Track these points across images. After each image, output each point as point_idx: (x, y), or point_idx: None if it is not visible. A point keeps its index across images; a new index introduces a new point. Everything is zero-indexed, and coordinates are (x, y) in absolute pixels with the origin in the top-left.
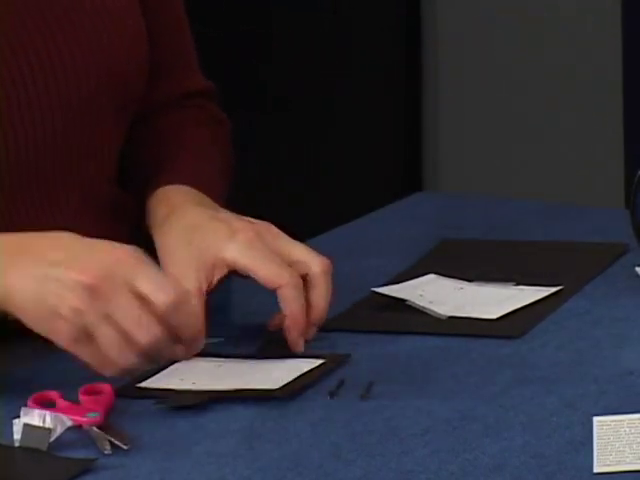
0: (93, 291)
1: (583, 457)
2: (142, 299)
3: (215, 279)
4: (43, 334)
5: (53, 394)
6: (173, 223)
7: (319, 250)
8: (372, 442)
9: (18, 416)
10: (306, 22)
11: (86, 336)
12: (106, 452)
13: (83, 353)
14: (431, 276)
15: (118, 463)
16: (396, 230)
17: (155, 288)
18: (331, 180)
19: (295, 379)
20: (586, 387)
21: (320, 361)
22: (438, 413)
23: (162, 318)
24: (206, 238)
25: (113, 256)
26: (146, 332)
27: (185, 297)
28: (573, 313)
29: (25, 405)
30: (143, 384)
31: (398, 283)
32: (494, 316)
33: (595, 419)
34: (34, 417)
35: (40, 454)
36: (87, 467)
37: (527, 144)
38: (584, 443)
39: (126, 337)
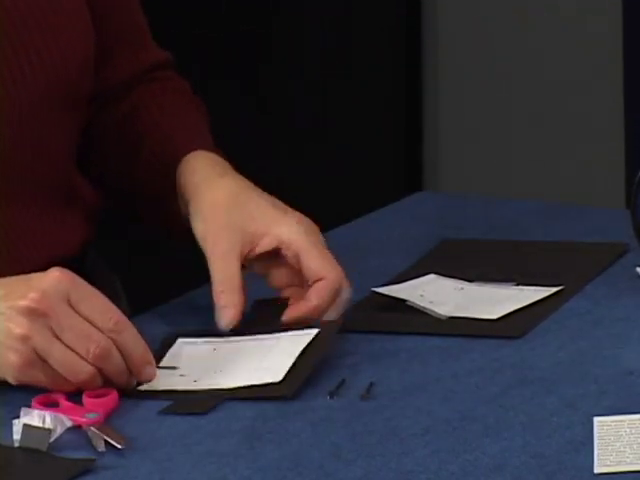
0: (32, 313)
1: (583, 457)
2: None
3: (259, 250)
4: None
5: (58, 395)
6: (223, 184)
7: None
8: (372, 442)
9: (18, 416)
10: (306, 22)
11: (37, 359)
12: (99, 450)
13: (37, 377)
14: (431, 276)
15: (118, 463)
16: (396, 230)
17: (97, 312)
18: (331, 180)
19: (295, 365)
20: (587, 387)
21: (314, 331)
22: (438, 413)
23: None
24: (260, 206)
25: (48, 277)
26: (96, 343)
27: (124, 320)
28: (574, 313)
29: (27, 405)
30: (145, 386)
31: (398, 283)
32: (494, 316)
33: (596, 419)
34: (34, 417)
35: (40, 454)
36: (87, 467)
37: (527, 144)
38: (584, 443)
39: (76, 350)
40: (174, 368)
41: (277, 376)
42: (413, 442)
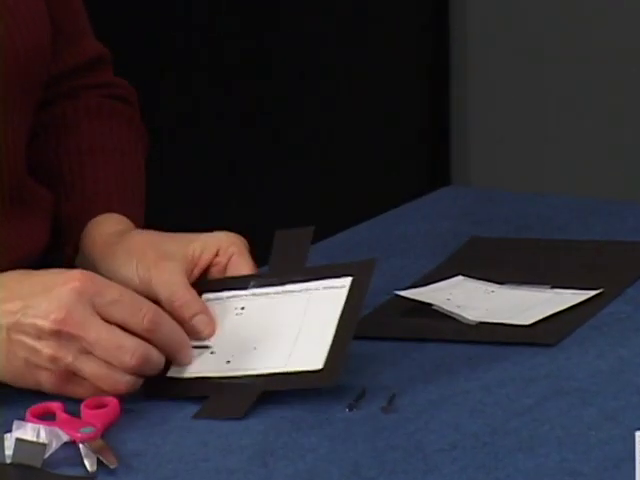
0: (60, 335)
1: (624, 475)
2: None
3: (202, 264)
4: (29, 387)
5: (55, 406)
6: (137, 233)
7: (338, 249)
8: (395, 458)
9: (10, 430)
10: (332, 11)
11: (73, 376)
12: (90, 470)
13: (76, 392)
14: (459, 278)
15: None
16: (422, 227)
17: (128, 314)
18: (352, 174)
19: (334, 344)
20: (628, 398)
21: (348, 282)
22: (466, 427)
23: (143, 337)
24: (180, 236)
25: (67, 288)
26: (130, 353)
27: (158, 314)
28: (613, 318)
29: (20, 418)
30: (173, 372)
31: (424, 285)
32: (528, 322)
33: (638, 434)
34: (27, 431)
35: (34, 471)
36: None
37: (563, 135)
38: (625, 459)
39: (113, 365)
40: (207, 347)
41: (317, 362)
42: (439, 458)
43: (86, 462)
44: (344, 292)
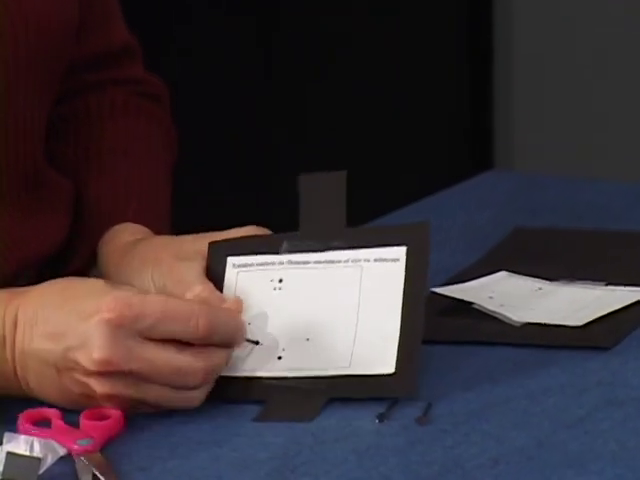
0: (109, 375)
1: None
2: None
3: None
4: (90, 408)
5: (51, 412)
6: (150, 241)
7: None
8: (430, 475)
9: (1, 442)
10: None
11: (138, 402)
12: None
13: (144, 409)
14: (502, 274)
15: None
16: (461, 217)
17: (179, 328)
18: (384, 158)
19: (401, 338)
20: None
21: (402, 251)
22: (510, 440)
23: (202, 342)
24: (195, 235)
25: (102, 320)
26: (192, 375)
27: (209, 315)
28: None
29: (13, 428)
30: (226, 372)
31: (462, 282)
32: (579, 323)
33: None
34: (20, 444)
35: None
36: None
37: (615, 116)
38: None
39: (175, 387)
40: (257, 343)
41: (387, 363)
42: (480, 475)
43: (80, 478)
44: (401, 267)
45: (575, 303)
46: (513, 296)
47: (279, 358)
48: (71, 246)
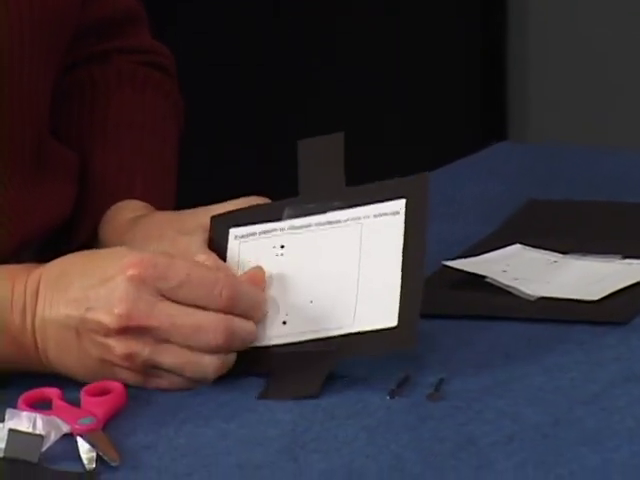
0: (128, 331)
1: None
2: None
3: None
4: (107, 379)
5: (52, 392)
6: (152, 217)
7: None
8: (443, 452)
9: (2, 419)
10: None
11: (153, 367)
12: (87, 467)
13: (160, 385)
14: (517, 247)
15: (127, 478)
16: (473, 188)
17: (202, 294)
18: (396, 128)
19: (402, 292)
20: None
21: (401, 203)
22: (525, 417)
23: (224, 310)
24: (201, 209)
25: (126, 277)
26: (212, 333)
27: (235, 285)
28: None
29: (14, 405)
30: None
31: (476, 255)
32: (595, 297)
33: None
34: (22, 421)
35: (30, 467)
36: None
37: (632, 85)
38: None
39: (195, 349)
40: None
41: (389, 316)
42: (493, 452)
43: (83, 458)
44: (400, 220)
45: (591, 277)
46: (527, 269)
47: (284, 323)
48: (74, 221)
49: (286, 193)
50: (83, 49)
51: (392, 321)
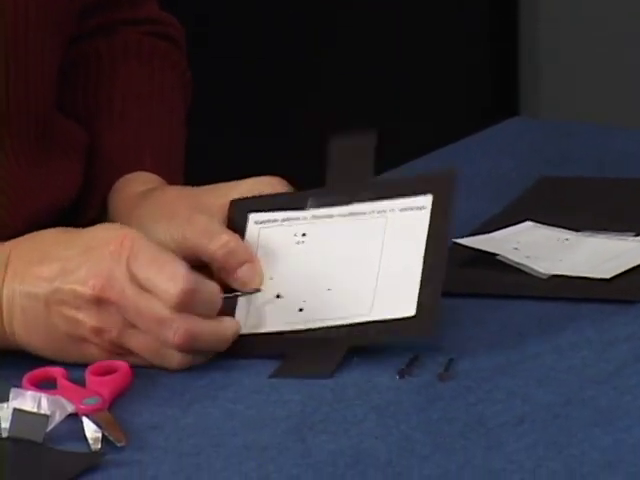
0: (100, 302)
1: None
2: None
3: None
4: (72, 361)
5: (56, 371)
6: (164, 192)
7: None
8: (452, 433)
9: (7, 399)
10: None
11: (120, 348)
12: (93, 448)
13: (130, 360)
14: (528, 224)
15: (133, 458)
16: (484, 165)
17: (163, 279)
18: (406, 105)
19: (422, 283)
20: None
21: (428, 199)
22: (536, 397)
23: (178, 308)
24: (211, 186)
25: (108, 250)
26: (174, 332)
27: (195, 283)
28: None
29: (18, 385)
30: (247, 327)
31: (486, 233)
32: (608, 275)
33: None
34: (27, 400)
35: (35, 447)
36: (94, 464)
37: None
38: None
39: (158, 339)
40: (257, 291)
41: (407, 307)
42: (504, 433)
43: (89, 438)
44: (426, 215)
45: (603, 254)
46: (539, 247)
47: (300, 310)
48: (83, 197)
49: (297, 174)
50: (88, 22)
51: (410, 311)
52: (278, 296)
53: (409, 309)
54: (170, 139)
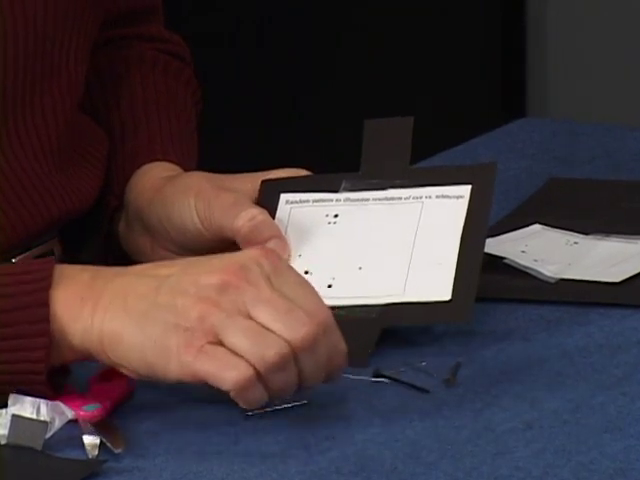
0: (226, 287)
1: None
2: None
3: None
4: (151, 376)
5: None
6: (189, 175)
7: None
8: (459, 439)
9: (5, 405)
10: None
11: (207, 345)
12: (90, 456)
13: (204, 366)
14: (536, 227)
15: (135, 466)
16: None
17: (312, 301)
18: (414, 105)
19: (459, 269)
20: None
21: (467, 189)
22: (544, 403)
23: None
24: (242, 175)
25: (245, 255)
26: (300, 325)
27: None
28: None
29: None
30: None
31: (494, 236)
32: (617, 279)
33: None
34: (25, 406)
35: (34, 454)
36: (94, 471)
37: None
38: None
39: (266, 327)
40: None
41: (443, 291)
42: (511, 439)
43: (86, 445)
44: (463, 204)
45: (613, 258)
46: (547, 251)
47: (329, 286)
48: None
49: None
50: (104, 34)
51: (446, 295)
52: (306, 272)
53: (444, 293)
54: (187, 143)
